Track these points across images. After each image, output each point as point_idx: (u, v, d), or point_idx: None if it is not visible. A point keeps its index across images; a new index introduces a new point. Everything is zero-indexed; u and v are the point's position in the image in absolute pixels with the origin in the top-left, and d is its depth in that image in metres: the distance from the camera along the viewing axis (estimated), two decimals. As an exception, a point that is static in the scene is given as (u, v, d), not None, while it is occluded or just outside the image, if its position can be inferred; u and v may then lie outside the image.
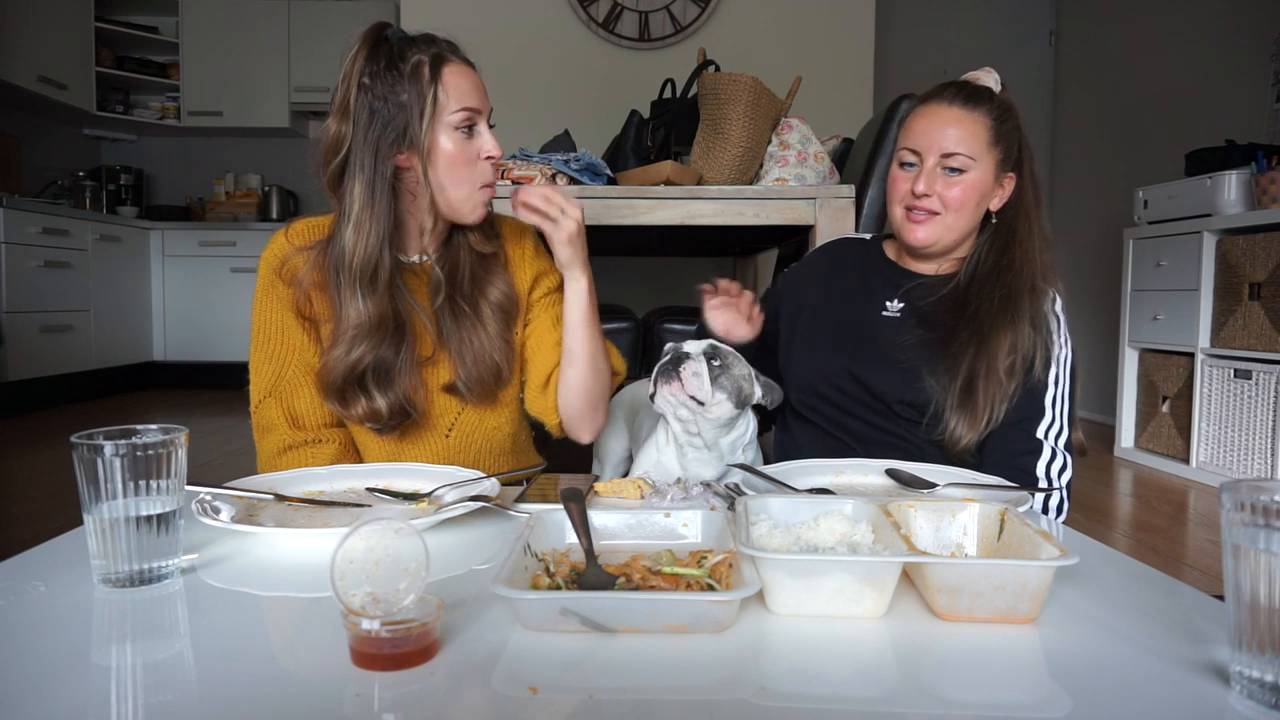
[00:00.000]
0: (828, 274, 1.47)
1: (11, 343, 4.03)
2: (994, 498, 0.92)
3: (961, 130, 1.26)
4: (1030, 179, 1.31)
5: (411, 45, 1.16)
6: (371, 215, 1.14)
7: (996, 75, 1.32)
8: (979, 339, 1.24)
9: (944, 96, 1.29)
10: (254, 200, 5.69)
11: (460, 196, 1.18)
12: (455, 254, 1.27)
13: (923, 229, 1.30)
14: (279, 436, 1.22)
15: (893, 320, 1.35)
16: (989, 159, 1.27)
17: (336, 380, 1.17)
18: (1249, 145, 3.17)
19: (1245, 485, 0.54)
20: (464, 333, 1.25)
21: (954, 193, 1.27)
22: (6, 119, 4.88)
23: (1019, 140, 1.30)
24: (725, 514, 0.81)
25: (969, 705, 0.55)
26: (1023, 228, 1.30)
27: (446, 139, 1.15)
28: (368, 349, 1.16)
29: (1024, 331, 1.24)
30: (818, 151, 2.27)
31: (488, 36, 4.29)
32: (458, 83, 1.15)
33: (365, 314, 1.15)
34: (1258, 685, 0.53)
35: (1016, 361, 1.23)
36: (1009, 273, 1.28)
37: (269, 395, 1.23)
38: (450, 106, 1.14)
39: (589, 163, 2.24)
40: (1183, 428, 3.26)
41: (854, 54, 4.40)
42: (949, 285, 1.33)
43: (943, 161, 1.27)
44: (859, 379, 1.31)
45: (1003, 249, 1.30)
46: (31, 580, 0.74)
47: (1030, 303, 1.26)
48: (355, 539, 0.60)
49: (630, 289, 4.19)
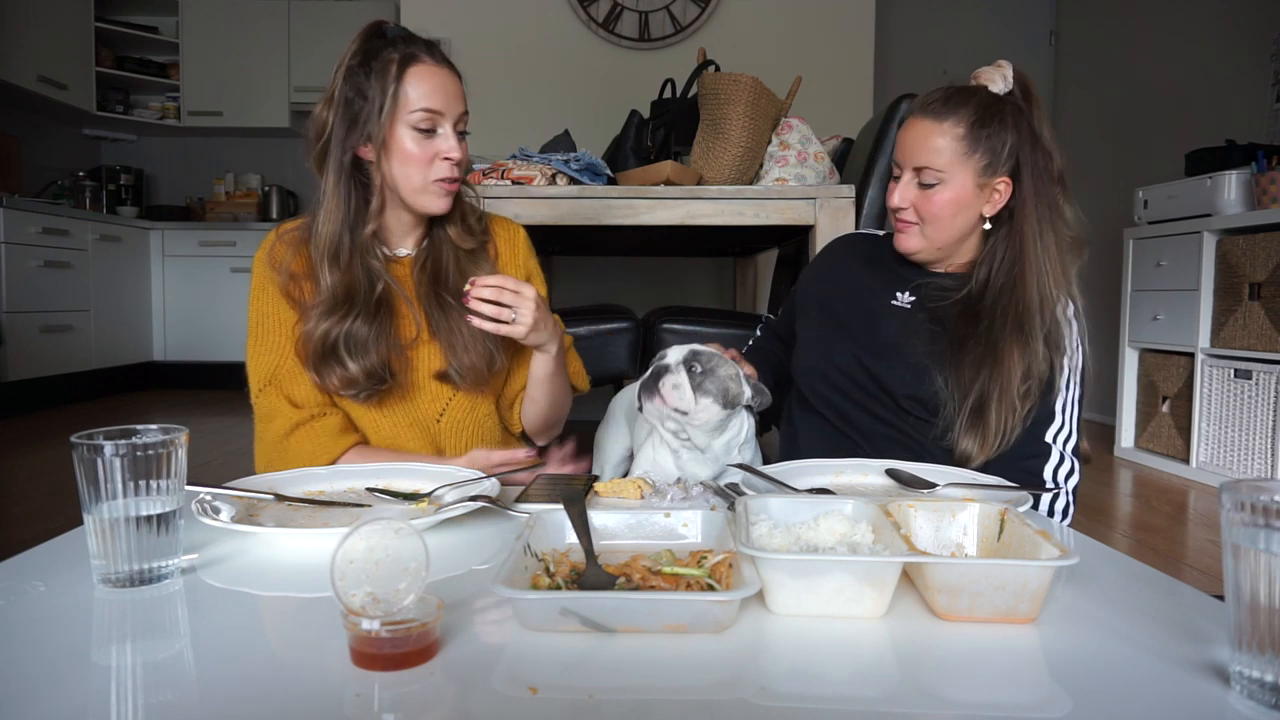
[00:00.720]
0: (838, 266, 1.48)
1: (11, 343, 4.03)
2: (994, 498, 0.92)
3: (928, 143, 1.25)
4: (1035, 181, 1.25)
5: (392, 44, 1.20)
6: (337, 200, 1.22)
7: (1007, 71, 1.28)
8: (992, 360, 1.21)
9: (919, 108, 1.28)
10: (254, 200, 5.69)
11: (413, 189, 1.23)
12: (438, 248, 1.32)
13: (905, 238, 1.32)
14: (284, 419, 1.23)
15: (902, 311, 1.34)
16: (965, 167, 1.24)
17: (312, 353, 1.22)
18: (1249, 145, 3.17)
19: (1245, 485, 0.54)
20: (453, 323, 1.28)
21: (928, 206, 1.27)
22: (6, 119, 4.88)
23: (1013, 142, 1.25)
24: (725, 514, 0.81)
25: (969, 705, 0.55)
26: (1030, 234, 1.25)
27: (405, 136, 1.20)
28: (335, 321, 1.20)
29: (1038, 353, 1.21)
30: (818, 151, 2.27)
31: (488, 36, 4.29)
32: (422, 84, 1.19)
33: (330, 286, 1.21)
34: (1258, 685, 0.53)
35: (1032, 386, 1.21)
36: (1021, 286, 1.24)
37: (269, 384, 1.25)
38: (410, 105, 1.19)
39: (589, 163, 2.24)
40: (1183, 428, 3.26)
41: (854, 54, 4.40)
42: (962, 289, 1.30)
43: (917, 175, 1.27)
44: (868, 369, 1.31)
45: (1015, 258, 1.26)
46: (31, 580, 0.74)
47: (1044, 317, 1.22)
48: (355, 539, 0.60)
49: (630, 289, 4.19)
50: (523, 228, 1.45)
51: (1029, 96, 1.28)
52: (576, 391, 1.45)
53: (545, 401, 1.36)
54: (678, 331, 2.46)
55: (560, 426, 1.45)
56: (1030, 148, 1.26)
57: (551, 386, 1.34)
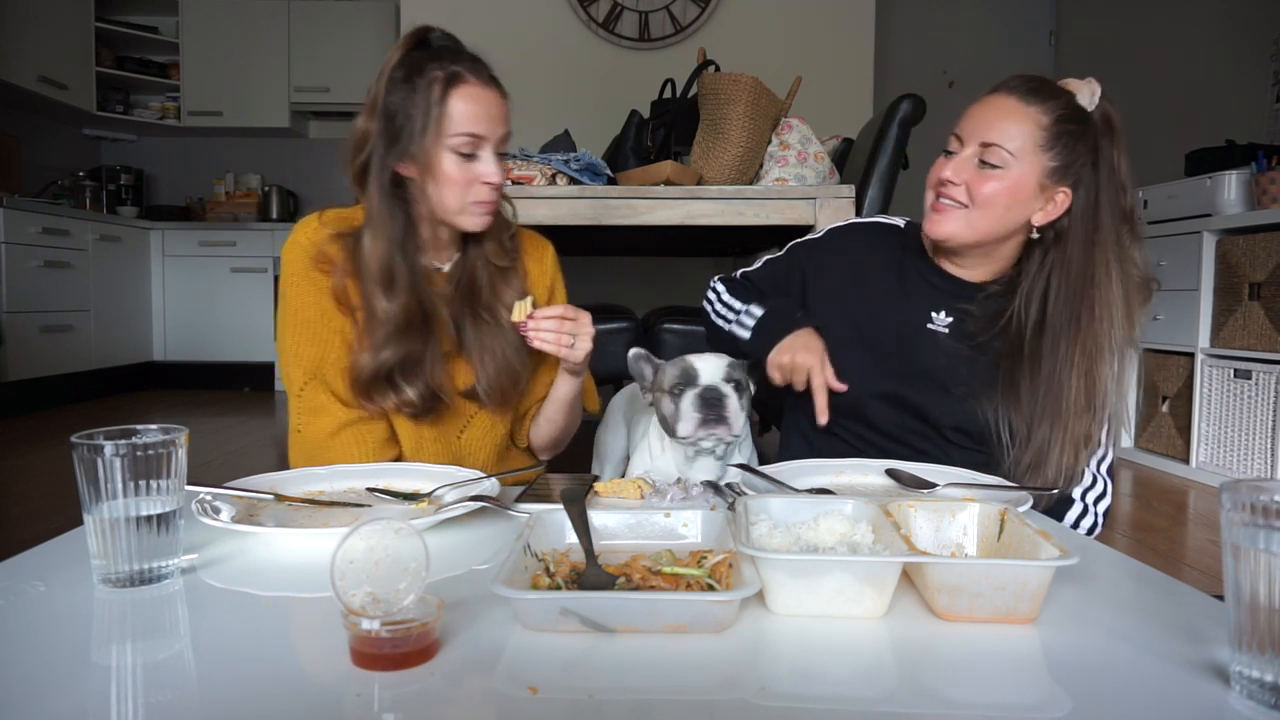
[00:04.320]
0: (854, 264, 1.35)
1: (11, 343, 4.03)
2: (994, 498, 0.92)
3: (1008, 122, 1.15)
4: (1108, 211, 1.17)
5: (437, 59, 1.16)
6: (384, 218, 1.18)
7: (1095, 89, 1.19)
8: (1054, 411, 1.15)
9: (1007, 85, 1.19)
10: (254, 200, 5.69)
11: (453, 210, 1.20)
12: (472, 265, 1.29)
13: (944, 221, 1.20)
14: (332, 417, 1.21)
15: (940, 336, 1.25)
16: (1034, 161, 1.15)
17: (364, 379, 1.19)
18: (1249, 145, 3.17)
19: (1245, 485, 0.54)
20: (485, 340, 1.26)
21: (984, 187, 1.16)
22: (6, 119, 4.88)
23: (1091, 160, 1.17)
24: (725, 514, 0.81)
25: (969, 705, 0.55)
26: (1100, 264, 1.16)
27: (446, 159, 1.16)
28: (396, 350, 1.18)
29: (1107, 408, 1.16)
30: (818, 151, 2.27)
31: (488, 36, 4.23)
32: (466, 106, 1.15)
33: (392, 313, 1.18)
34: (1258, 685, 0.53)
35: (1092, 429, 1.16)
36: (1089, 321, 1.15)
37: (314, 378, 1.23)
38: (453, 129, 1.15)
39: (589, 163, 2.24)
40: (1183, 428, 3.26)
41: (854, 54, 4.40)
42: (1006, 313, 1.21)
43: (981, 152, 1.17)
44: (909, 400, 1.23)
45: (1077, 290, 1.16)
46: (31, 580, 0.74)
47: (1111, 360, 1.15)
48: (355, 539, 0.60)
49: (630, 289, 4.19)
50: (551, 244, 1.43)
51: (1111, 125, 1.19)
52: (586, 413, 1.44)
53: (562, 422, 1.37)
54: (677, 331, 2.46)
55: (565, 444, 1.45)
56: (1106, 175, 1.18)
57: (571, 409, 1.35)
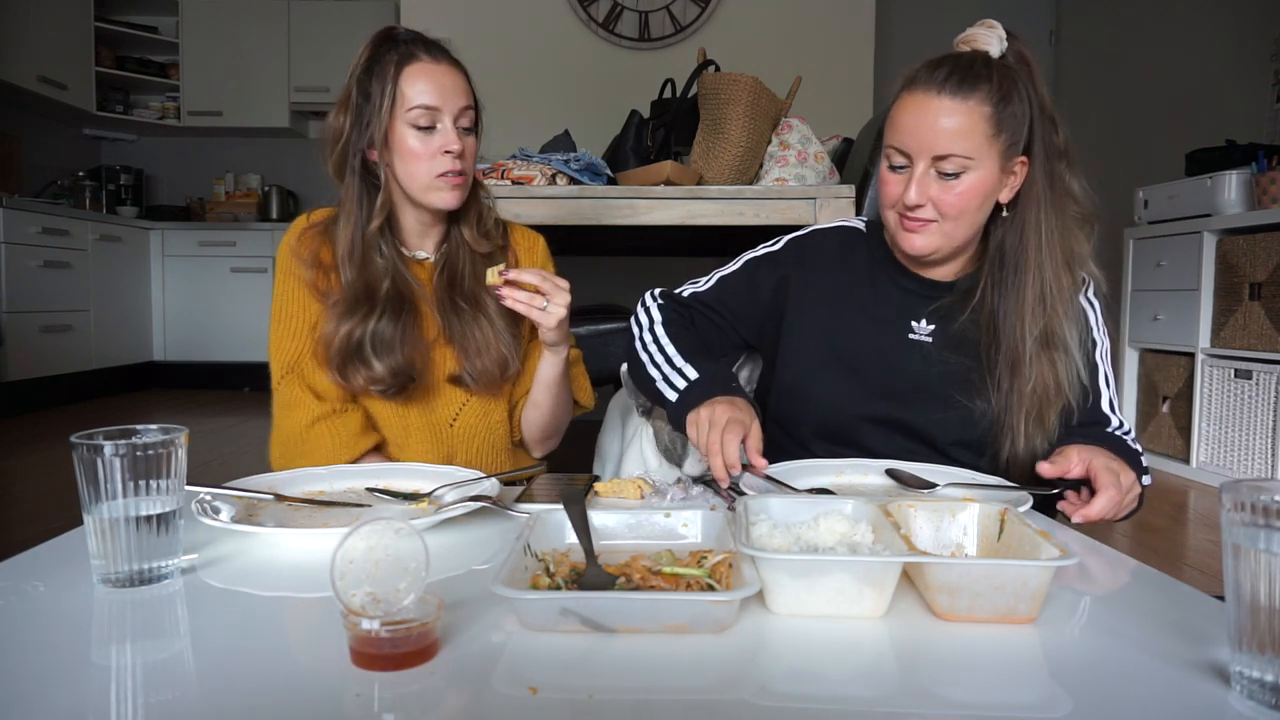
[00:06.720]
0: (822, 275, 1.26)
1: (11, 343, 4.03)
2: (994, 498, 0.92)
3: (955, 126, 1.05)
4: (1045, 156, 1.10)
5: (396, 46, 1.22)
6: (355, 202, 1.24)
7: (1000, 31, 1.11)
8: (1017, 386, 1.12)
9: (933, 82, 1.07)
10: (254, 200, 5.69)
11: (420, 187, 1.24)
12: (454, 252, 1.33)
13: (920, 237, 1.12)
14: (306, 410, 1.23)
15: (924, 345, 1.19)
16: (991, 153, 1.07)
17: (335, 354, 1.22)
18: (1249, 145, 3.17)
19: (1245, 485, 0.54)
20: (467, 327, 1.28)
21: (951, 199, 1.08)
22: (6, 119, 4.87)
23: (1029, 113, 1.09)
24: (725, 514, 0.81)
25: (969, 705, 0.55)
26: (1031, 220, 1.11)
27: (406, 134, 1.21)
28: (358, 321, 1.21)
29: (1072, 368, 1.12)
30: (818, 151, 2.27)
31: (488, 36, 4.29)
32: (418, 81, 1.21)
33: (349, 284, 1.23)
34: (1258, 685, 0.53)
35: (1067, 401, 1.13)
36: (1031, 287, 1.11)
37: (290, 372, 1.25)
38: (407, 103, 1.20)
39: (589, 163, 2.24)
40: (1183, 428, 3.26)
41: (854, 54, 4.40)
42: (975, 301, 1.16)
43: (935, 165, 1.07)
44: (900, 422, 1.18)
45: (1015, 250, 1.12)
46: (31, 580, 0.74)
47: (1066, 320, 1.12)
48: (355, 539, 0.60)
49: (630, 289, 4.18)
50: (542, 237, 1.44)
51: (1026, 62, 1.11)
52: (580, 407, 1.44)
53: (548, 406, 1.35)
54: (678, 331, 2.45)
55: (558, 439, 1.44)
56: (1040, 118, 1.10)
57: (556, 392, 1.34)
